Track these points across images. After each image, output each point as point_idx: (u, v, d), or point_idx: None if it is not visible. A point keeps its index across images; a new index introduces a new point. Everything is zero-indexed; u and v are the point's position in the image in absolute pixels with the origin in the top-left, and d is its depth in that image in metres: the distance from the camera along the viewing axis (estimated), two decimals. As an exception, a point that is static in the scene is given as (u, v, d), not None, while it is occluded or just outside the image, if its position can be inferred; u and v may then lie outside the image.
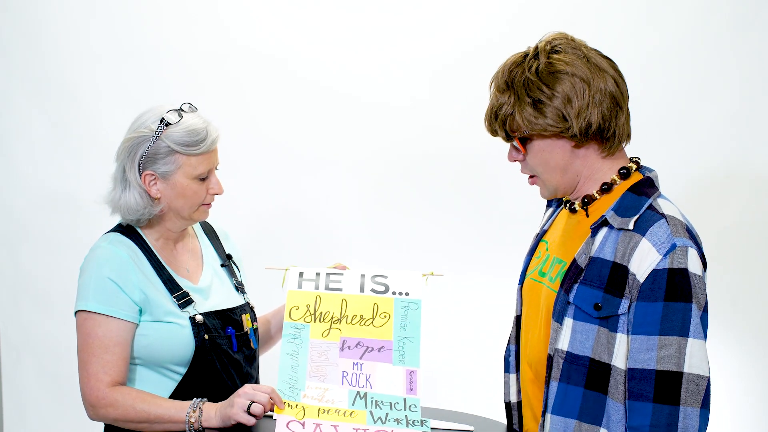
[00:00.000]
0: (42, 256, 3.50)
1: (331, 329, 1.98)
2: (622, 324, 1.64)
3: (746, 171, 3.00)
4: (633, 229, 1.65)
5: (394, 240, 3.24)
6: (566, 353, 1.69)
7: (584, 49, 1.70)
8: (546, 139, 1.71)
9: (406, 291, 2.03)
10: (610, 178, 1.74)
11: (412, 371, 1.95)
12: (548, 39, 1.72)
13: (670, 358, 1.59)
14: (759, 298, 3.00)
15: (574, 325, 1.68)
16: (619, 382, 1.64)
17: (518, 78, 1.69)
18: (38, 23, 3.38)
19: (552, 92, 1.66)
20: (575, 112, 1.66)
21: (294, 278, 2.03)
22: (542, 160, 1.73)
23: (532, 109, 1.68)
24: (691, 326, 1.59)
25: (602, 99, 1.67)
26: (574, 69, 1.66)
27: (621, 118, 1.71)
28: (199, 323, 1.99)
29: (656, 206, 1.68)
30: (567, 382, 1.69)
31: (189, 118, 2.00)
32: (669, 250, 1.60)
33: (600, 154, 1.73)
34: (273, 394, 1.86)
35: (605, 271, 1.66)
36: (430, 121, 3.17)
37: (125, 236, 2.03)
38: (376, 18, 3.19)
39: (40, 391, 3.56)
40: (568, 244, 1.78)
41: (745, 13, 2.93)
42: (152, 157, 1.98)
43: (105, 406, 1.92)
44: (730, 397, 2.96)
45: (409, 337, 1.98)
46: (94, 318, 1.95)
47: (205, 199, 2.04)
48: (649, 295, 1.60)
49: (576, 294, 1.68)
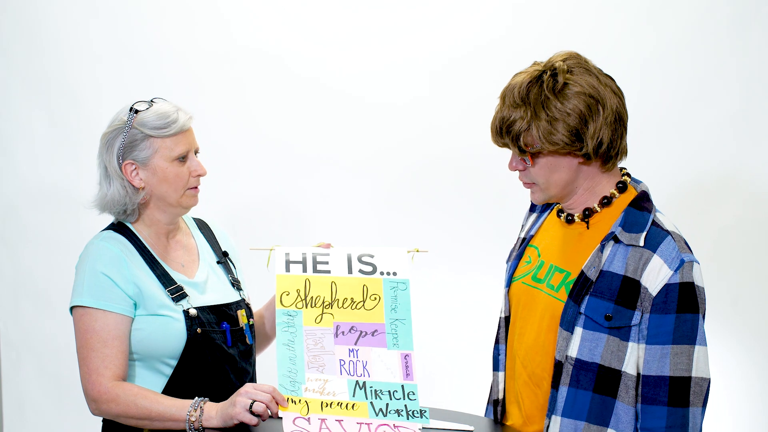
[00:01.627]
0: (42, 256, 3.50)
1: (323, 314, 2.00)
2: (634, 334, 1.76)
3: (746, 171, 3.00)
4: (644, 246, 1.76)
5: (394, 239, 3.24)
6: (576, 360, 1.79)
7: (593, 69, 1.78)
8: (556, 155, 1.78)
9: (393, 271, 2.06)
10: (609, 192, 1.83)
11: (407, 355, 1.98)
12: (563, 57, 1.79)
13: (682, 365, 1.73)
14: (759, 298, 3.00)
15: (584, 334, 1.79)
16: (630, 387, 1.76)
17: (535, 95, 1.75)
18: (38, 23, 3.38)
19: (569, 112, 1.73)
20: (591, 133, 1.74)
21: (281, 260, 2.05)
22: (547, 172, 1.81)
23: (548, 126, 1.74)
24: (698, 335, 1.74)
25: (613, 120, 1.76)
26: (590, 90, 1.74)
27: (625, 136, 1.81)
28: (192, 317, 2.01)
29: (659, 222, 1.79)
30: (576, 387, 1.80)
31: (158, 104, 2.06)
32: (679, 266, 1.73)
33: (601, 170, 1.82)
34: (274, 393, 1.87)
35: (616, 284, 1.76)
36: (430, 121, 3.17)
37: (118, 233, 2.05)
38: (376, 17, 3.19)
39: (40, 390, 3.56)
40: (571, 255, 1.86)
41: (745, 13, 2.94)
42: (129, 146, 2.02)
43: (107, 401, 1.93)
44: (730, 397, 2.96)
45: (401, 318, 2.01)
46: (90, 313, 1.96)
47: (189, 182, 2.07)
48: (663, 307, 1.73)
49: (587, 305, 1.78)
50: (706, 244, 2.93)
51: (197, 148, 2.10)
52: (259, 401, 1.84)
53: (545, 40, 2.92)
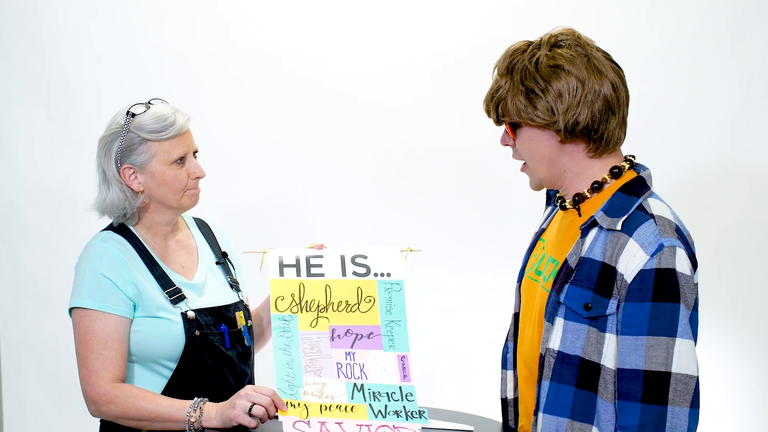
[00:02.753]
0: (42, 256, 3.50)
1: (318, 318, 2.00)
2: (611, 324, 1.65)
3: (746, 170, 3.00)
4: (621, 230, 1.66)
5: (394, 239, 3.23)
6: (557, 352, 1.70)
7: (588, 48, 1.71)
8: (533, 128, 1.72)
9: (387, 272, 2.05)
10: (601, 177, 1.74)
11: (404, 356, 1.97)
12: (555, 33, 1.74)
13: (658, 358, 1.59)
14: (759, 298, 3.00)
15: (565, 325, 1.70)
16: (609, 382, 1.65)
17: (518, 66, 1.71)
18: (38, 23, 3.38)
19: (546, 85, 1.68)
20: (564, 108, 1.67)
21: (274, 264, 2.04)
22: (529, 148, 1.75)
23: (524, 98, 1.70)
24: (679, 326, 1.60)
25: (594, 100, 1.67)
26: (571, 66, 1.67)
27: (612, 122, 1.70)
28: (190, 319, 2.00)
29: (646, 206, 1.68)
30: (558, 382, 1.70)
31: (155, 107, 2.04)
32: (656, 251, 1.61)
33: (587, 153, 1.73)
34: (274, 397, 1.87)
35: (594, 271, 1.67)
36: (430, 121, 3.17)
37: (117, 233, 2.05)
38: (376, 17, 3.19)
39: (40, 390, 3.56)
40: (562, 243, 1.80)
41: (745, 13, 2.94)
42: (127, 150, 2.01)
43: (106, 403, 1.93)
44: (730, 397, 2.96)
45: (396, 320, 2.01)
46: (90, 314, 1.96)
47: (188, 185, 2.06)
48: (637, 295, 1.61)
49: (567, 294, 1.70)
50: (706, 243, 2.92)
51: (196, 149, 2.10)
52: (258, 404, 1.84)
53: (545, 40, 2.92)
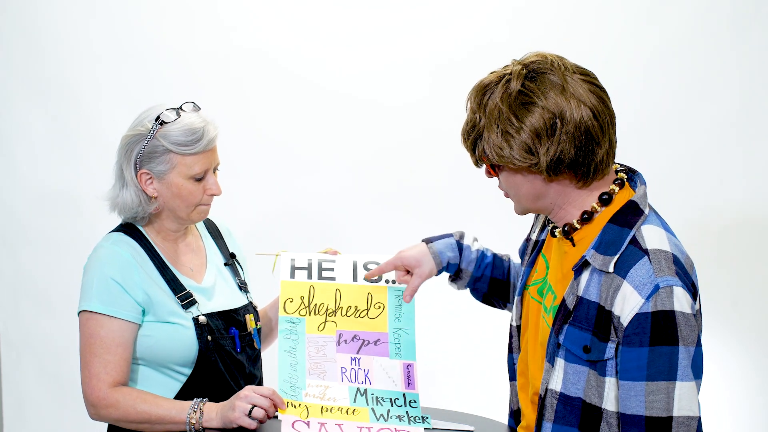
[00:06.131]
0: (42, 256, 3.50)
1: (326, 322, 1.98)
2: (610, 368, 1.59)
3: (746, 171, 3.00)
4: (614, 272, 1.58)
5: (394, 240, 3.23)
6: (560, 394, 1.65)
7: (562, 74, 1.58)
8: (514, 170, 1.63)
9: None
10: (590, 206, 1.64)
11: (410, 365, 1.96)
12: (526, 61, 1.62)
13: (659, 404, 1.54)
14: (759, 298, 3.00)
15: (566, 367, 1.64)
16: (612, 425, 1.60)
17: (490, 104, 1.60)
18: (38, 23, 3.38)
19: (520, 125, 1.56)
20: (544, 148, 1.56)
21: (286, 266, 2.02)
22: (514, 186, 1.67)
23: (500, 139, 1.59)
24: (678, 369, 1.53)
25: (576, 134, 1.56)
26: (545, 101, 1.56)
27: (599, 152, 1.58)
28: (202, 324, 1.99)
29: (639, 239, 1.59)
30: (561, 424, 1.65)
31: (186, 117, 1.97)
32: (652, 292, 1.53)
33: (575, 186, 1.63)
34: (274, 396, 1.86)
35: (592, 312, 1.60)
36: (430, 121, 3.17)
37: (128, 236, 2.02)
38: (376, 18, 3.19)
39: (40, 391, 3.56)
40: (559, 275, 1.72)
41: (745, 13, 2.94)
42: (148, 156, 1.96)
43: (106, 407, 1.92)
44: (730, 397, 2.96)
45: (404, 328, 1.99)
46: (96, 318, 1.94)
47: (202, 200, 2.01)
48: (634, 340, 1.54)
49: (566, 336, 1.63)
50: (706, 243, 2.93)
51: (218, 164, 2.04)
52: (258, 406, 1.83)
53: (546, 40, 2.91)
